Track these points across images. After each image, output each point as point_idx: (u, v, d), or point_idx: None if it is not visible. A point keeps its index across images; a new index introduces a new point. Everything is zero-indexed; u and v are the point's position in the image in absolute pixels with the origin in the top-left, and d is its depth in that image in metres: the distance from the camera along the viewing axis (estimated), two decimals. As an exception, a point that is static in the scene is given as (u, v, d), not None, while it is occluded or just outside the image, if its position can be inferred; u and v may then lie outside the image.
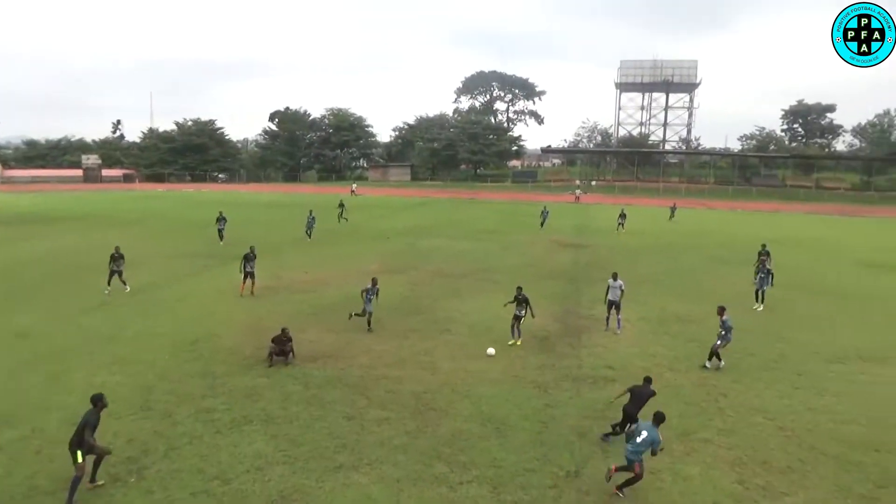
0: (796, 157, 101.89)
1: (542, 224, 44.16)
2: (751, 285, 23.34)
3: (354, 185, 78.14)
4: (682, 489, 10.09)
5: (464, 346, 17.11)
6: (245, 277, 22.41)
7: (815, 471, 10.81)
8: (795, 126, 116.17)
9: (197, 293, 22.58)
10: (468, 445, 11.37)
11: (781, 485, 10.32)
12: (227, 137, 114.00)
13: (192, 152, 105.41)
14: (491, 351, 16.52)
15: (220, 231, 33.95)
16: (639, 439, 9.82)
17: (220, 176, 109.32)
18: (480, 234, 41.07)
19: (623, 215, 44.34)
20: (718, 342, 15.74)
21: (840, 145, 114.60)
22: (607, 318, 19.22)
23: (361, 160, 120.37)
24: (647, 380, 12.07)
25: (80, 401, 12.58)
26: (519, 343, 17.16)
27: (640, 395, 11.65)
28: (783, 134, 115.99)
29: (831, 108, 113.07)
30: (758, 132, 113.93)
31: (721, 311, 16.08)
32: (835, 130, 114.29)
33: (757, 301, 22.44)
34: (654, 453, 9.95)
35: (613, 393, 13.13)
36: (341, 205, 46.45)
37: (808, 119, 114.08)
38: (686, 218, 52.19)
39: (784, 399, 14.01)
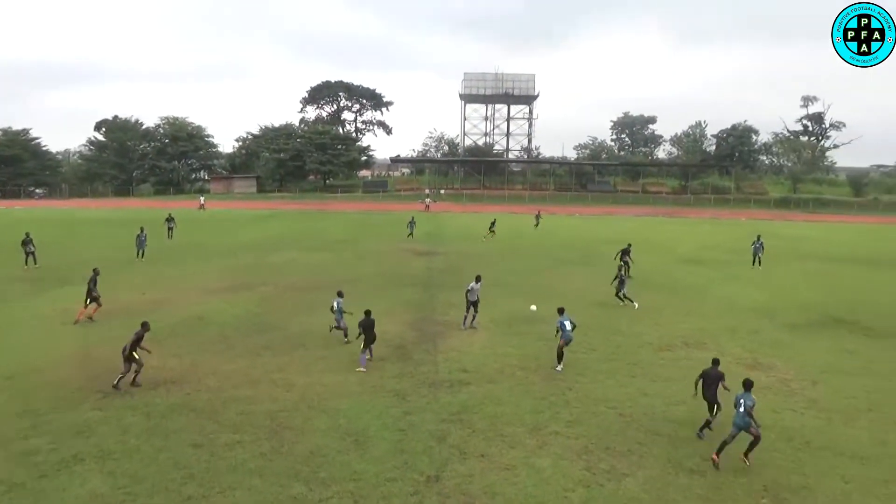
0: (625, 165, 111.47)
1: (410, 234, 44.53)
2: (588, 282, 25.03)
3: (202, 199, 73.60)
4: (535, 481, 10.53)
5: (320, 360, 16.72)
6: (93, 302, 20.42)
7: (651, 451, 11.76)
8: (623, 136, 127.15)
9: (13, 322, 20.14)
10: (327, 461, 11.10)
11: (623, 466, 11.11)
12: (44, 149, 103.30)
13: (2, 165, 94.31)
14: (533, 308, 18.26)
15: (30, 254, 30.25)
16: (742, 409, 11.12)
17: (37, 191, 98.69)
18: (334, 244, 40.51)
19: (493, 223, 46.15)
20: (561, 341, 16.25)
21: (661, 153, 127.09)
22: (465, 318, 20.08)
23: (202, 172, 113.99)
24: (715, 361, 13.03)
25: None
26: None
27: (711, 377, 12.59)
28: (613, 143, 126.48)
29: (653, 120, 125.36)
30: (591, 142, 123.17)
31: (560, 311, 16.65)
32: (656, 140, 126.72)
33: (628, 301, 23.56)
34: (749, 414, 11.09)
35: (692, 389, 13.33)
36: (170, 219, 42.74)
37: (634, 129, 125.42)
38: (531, 223, 54.91)
39: (623, 388, 15.13)
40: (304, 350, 17.64)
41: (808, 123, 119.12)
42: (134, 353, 14.43)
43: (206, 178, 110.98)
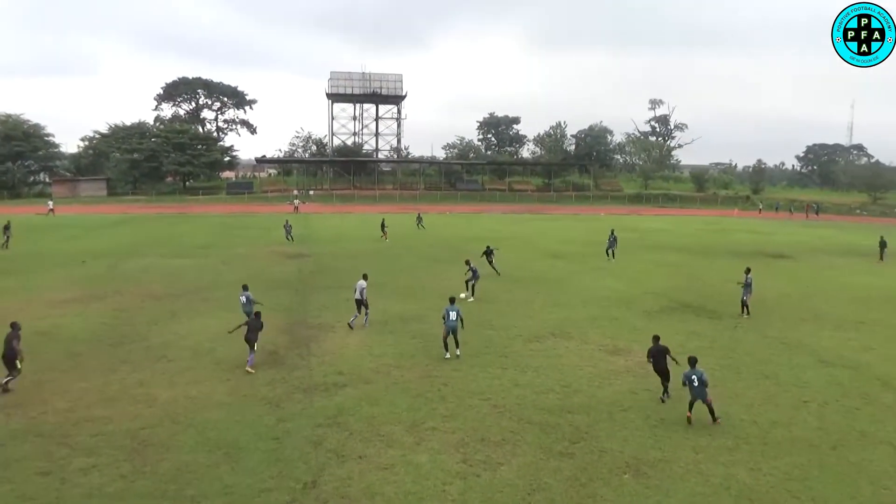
0: (492, 164, 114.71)
1: (289, 238, 42.65)
2: (459, 279, 25.60)
3: (51, 203, 66.83)
4: (414, 477, 10.60)
5: (185, 372, 15.81)
6: None
7: (524, 439, 12.23)
8: (489, 136, 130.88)
9: None
10: (195, 477, 10.51)
11: (498, 456, 11.46)
12: None
13: None
14: (462, 295, 19.50)
15: None
16: (696, 383, 12.76)
17: None
18: (196, 249, 38.41)
19: (383, 222, 46.01)
20: (444, 330, 17.12)
21: (525, 152, 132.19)
22: (354, 317, 20.28)
23: (42, 174, 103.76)
24: (656, 338, 14.59)
25: None
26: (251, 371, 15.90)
27: (658, 353, 14.13)
28: (480, 143, 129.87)
29: (517, 120, 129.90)
30: (458, 141, 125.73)
31: (450, 300, 17.61)
32: (521, 140, 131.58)
33: (468, 292, 24.76)
34: (706, 384, 12.81)
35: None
36: (7, 227, 38.67)
37: (499, 129, 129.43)
38: (400, 222, 55.13)
39: (495, 380, 15.60)
40: (167, 362, 16.60)
41: (656, 125, 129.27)
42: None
43: (48, 180, 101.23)
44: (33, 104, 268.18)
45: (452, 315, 16.87)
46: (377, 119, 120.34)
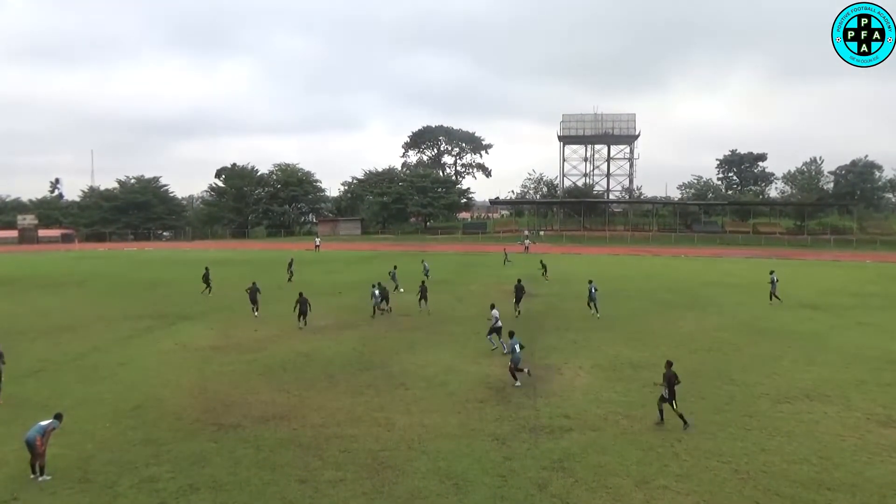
0: (733, 205, 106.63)
1: (426, 275, 42.92)
2: (695, 326, 23.92)
3: (318, 240, 77.26)
4: (643, 538, 10.00)
5: (420, 401, 16.85)
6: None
7: (772, 512, 10.89)
8: (731, 174, 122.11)
9: (140, 356, 21.71)
10: (427, 504, 11.08)
11: (740, 528, 10.35)
12: (171, 195, 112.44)
13: (135, 210, 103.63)
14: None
15: (208, 285, 36.11)
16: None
17: (164, 234, 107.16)
18: (434, 285, 40.84)
19: (543, 266, 45.94)
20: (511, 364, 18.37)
21: (773, 192, 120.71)
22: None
23: (310, 215, 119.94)
24: (669, 363, 15.13)
25: (9, 475, 11.83)
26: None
27: (669, 379, 14.80)
28: (720, 182, 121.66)
29: (763, 157, 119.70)
30: (696, 181, 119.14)
31: (510, 334, 19.08)
32: (767, 178, 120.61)
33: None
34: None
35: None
36: (290, 263, 44.95)
37: (742, 168, 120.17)
38: (633, 264, 53.34)
39: (737, 441, 14.19)
40: (405, 390, 17.84)
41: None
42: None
43: (314, 220, 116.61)
44: (306, 155, 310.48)
45: (518, 347, 18.26)
46: (608, 160, 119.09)
